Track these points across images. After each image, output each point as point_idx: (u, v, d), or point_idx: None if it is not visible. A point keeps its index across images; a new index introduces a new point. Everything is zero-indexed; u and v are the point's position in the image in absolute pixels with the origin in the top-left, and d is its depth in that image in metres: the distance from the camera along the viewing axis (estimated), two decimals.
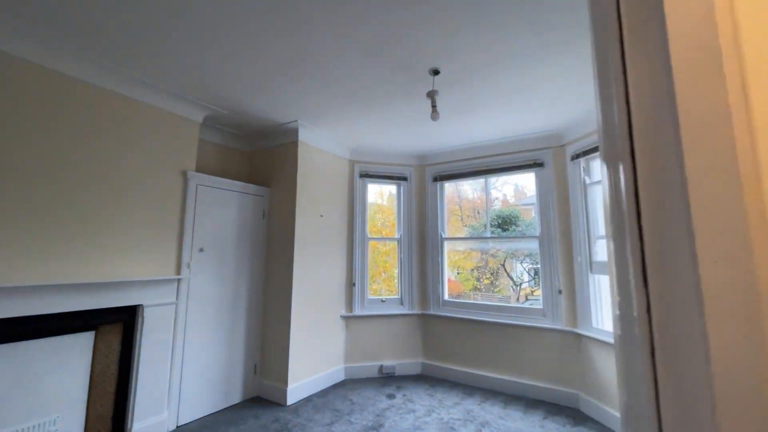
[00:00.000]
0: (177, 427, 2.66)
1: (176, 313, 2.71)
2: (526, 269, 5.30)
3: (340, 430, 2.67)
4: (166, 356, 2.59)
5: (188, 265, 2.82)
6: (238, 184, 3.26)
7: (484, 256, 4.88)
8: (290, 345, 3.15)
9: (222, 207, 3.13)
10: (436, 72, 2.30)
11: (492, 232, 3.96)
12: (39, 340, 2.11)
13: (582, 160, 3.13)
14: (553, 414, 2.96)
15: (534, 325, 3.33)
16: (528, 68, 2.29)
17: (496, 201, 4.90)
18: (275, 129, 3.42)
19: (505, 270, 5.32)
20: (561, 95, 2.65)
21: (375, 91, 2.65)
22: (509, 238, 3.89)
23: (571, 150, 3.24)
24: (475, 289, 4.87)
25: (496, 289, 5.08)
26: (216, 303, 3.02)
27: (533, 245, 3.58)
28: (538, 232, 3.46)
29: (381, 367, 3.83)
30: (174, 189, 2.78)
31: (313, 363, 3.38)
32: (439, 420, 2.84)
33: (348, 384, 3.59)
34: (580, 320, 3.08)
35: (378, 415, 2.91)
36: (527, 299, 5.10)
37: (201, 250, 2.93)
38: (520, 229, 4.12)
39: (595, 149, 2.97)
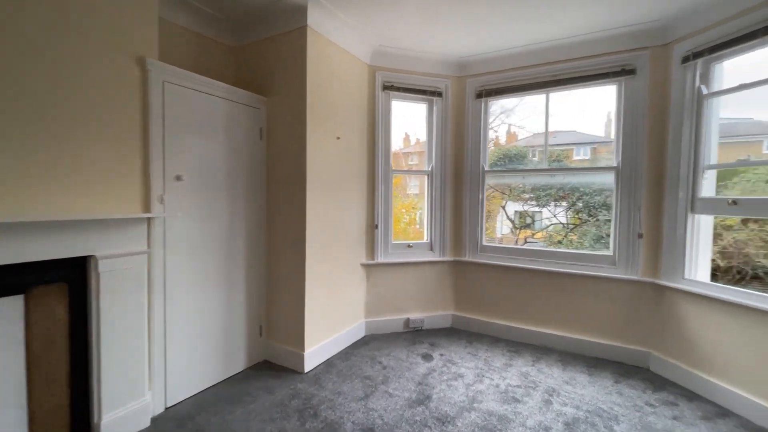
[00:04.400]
0: (166, 409, 2.04)
1: (151, 264, 1.94)
2: (527, 211, 4.71)
3: (379, 406, 2.12)
4: (140, 323, 1.86)
5: (161, 200, 1.98)
6: (223, 87, 2.30)
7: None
8: (306, 301, 2.49)
9: (204, 119, 2.21)
10: None
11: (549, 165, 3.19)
12: None
13: (699, 62, 2.31)
14: (623, 376, 2.51)
15: (601, 274, 2.76)
16: None
17: (491, 142, 4.13)
18: (272, 6, 2.37)
19: (505, 212, 4.75)
20: None
21: None
22: (576, 170, 3.15)
23: (681, 49, 2.39)
24: None
25: (486, 232, 4.59)
26: (206, 250, 2.24)
27: (605, 179, 2.88)
28: (615, 162, 2.74)
29: (407, 321, 3.28)
30: (128, 86, 1.82)
31: (331, 320, 2.77)
32: (495, 388, 2.34)
33: (371, 342, 3.04)
34: (665, 269, 2.51)
35: (420, 383, 2.38)
36: (526, 241, 4.61)
37: (178, 178, 2.06)
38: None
39: (729, 44, 2.13)
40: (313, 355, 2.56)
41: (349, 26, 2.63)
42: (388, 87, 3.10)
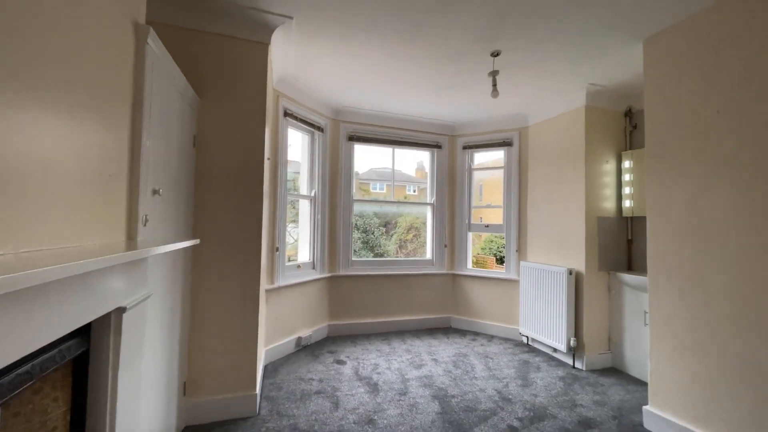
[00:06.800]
0: None
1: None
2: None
3: (356, 403, 2.39)
4: (137, 394, 1.26)
5: (144, 221, 1.41)
6: (182, 79, 1.83)
7: None
8: (258, 331, 2.27)
9: (166, 115, 1.69)
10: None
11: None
12: None
13: (469, 150, 4.29)
14: (446, 333, 4.02)
15: (426, 272, 4.23)
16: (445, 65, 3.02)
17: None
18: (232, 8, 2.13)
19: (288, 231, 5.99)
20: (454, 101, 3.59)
21: None
22: (409, 203, 4.49)
23: (461, 141, 4.32)
24: None
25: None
26: (167, 286, 1.67)
27: (424, 210, 4.43)
28: (432, 200, 4.33)
29: (299, 339, 3.38)
30: (122, 62, 1.27)
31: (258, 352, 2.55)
32: (403, 363, 3.14)
33: (279, 368, 2.96)
34: (458, 264, 4.30)
35: (360, 379, 2.79)
36: (289, 260, 6.00)
37: (155, 192, 1.51)
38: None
39: (478, 146, 4.20)
40: (259, 394, 2.33)
41: (289, 49, 2.68)
42: (288, 114, 3.24)
